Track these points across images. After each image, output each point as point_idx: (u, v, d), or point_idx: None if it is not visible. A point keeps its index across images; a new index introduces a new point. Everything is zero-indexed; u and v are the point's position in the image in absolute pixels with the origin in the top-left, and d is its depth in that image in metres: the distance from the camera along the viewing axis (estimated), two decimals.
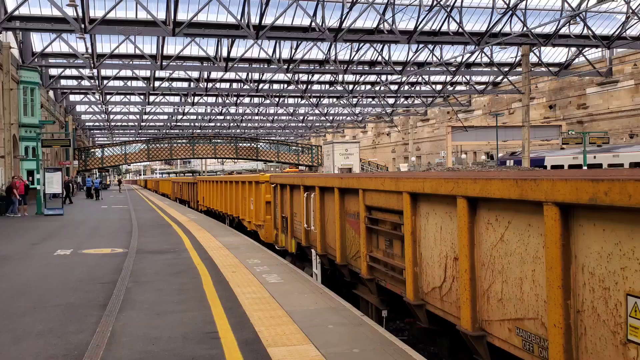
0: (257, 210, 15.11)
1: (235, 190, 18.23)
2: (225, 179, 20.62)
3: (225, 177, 21.91)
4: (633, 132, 42.93)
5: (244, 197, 16.77)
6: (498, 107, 57.49)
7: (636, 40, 38.27)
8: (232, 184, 18.87)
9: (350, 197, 8.05)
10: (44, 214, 26.25)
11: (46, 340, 6.10)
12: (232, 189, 18.92)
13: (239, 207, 17.77)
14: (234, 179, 18.83)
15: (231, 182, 19.19)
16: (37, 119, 37.40)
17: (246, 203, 16.45)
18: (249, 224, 16.19)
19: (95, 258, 12.26)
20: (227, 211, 19.85)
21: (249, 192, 16.00)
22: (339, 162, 60.15)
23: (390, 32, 35.04)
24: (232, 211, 18.97)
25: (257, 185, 14.91)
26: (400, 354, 5.42)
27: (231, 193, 19.11)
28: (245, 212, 16.72)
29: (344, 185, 8.16)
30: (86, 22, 29.16)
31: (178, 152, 74.22)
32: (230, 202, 19.22)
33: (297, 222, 11.06)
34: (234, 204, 18.57)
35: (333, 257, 8.86)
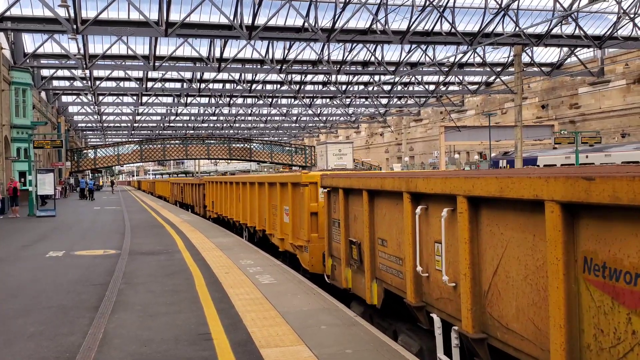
0: (295, 224, 10.97)
1: (260, 195, 13.86)
2: (245, 180, 15.96)
3: (245, 177, 16.99)
4: (625, 131, 43.14)
5: (274, 204, 12.63)
6: (491, 107, 57.65)
7: (627, 40, 38.47)
8: (255, 187, 14.37)
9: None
10: (36, 215, 26.12)
11: (38, 342, 6.06)
12: (254, 192, 14.42)
13: (264, 216, 13.63)
14: (257, 180, 14.54)
15: (253, 183, 14.71)
16: (28, 120, 37.22)
17: (277, 213, 12.29)
18: (282, 242, 11.98)
19: (87, 259, 12.21)
20: (247, 221, 15.31)
21: (282, 197, 11.87)
22: (333, 163, 60.13)
23: (383, 33, 35.08)
24: (254, 222, 14.47)
25: (296, 188, 10.89)
26: (394, 354, 5.42)
27: (253, 198, 14.64)
28: (275, 225, 12.44)
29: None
30: (78, 22, 29.05)
31: (171, 153, 74.03)
32: (252, 210, 14.83)
33: (387, 255, 6.60)
34: (256, 212, 14.22)
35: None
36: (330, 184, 8.42)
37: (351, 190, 7.63)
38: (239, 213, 16.66)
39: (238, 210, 16.76)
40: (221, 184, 19.98)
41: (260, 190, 13.93)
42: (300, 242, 10.61)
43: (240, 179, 16.94)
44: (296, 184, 10.86)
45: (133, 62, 43.22)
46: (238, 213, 16.77)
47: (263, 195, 13.54)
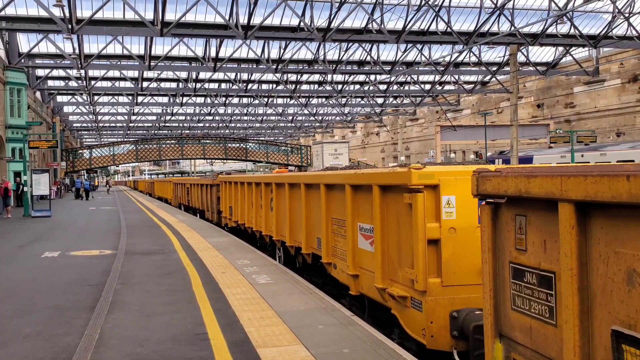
0: (389, 256, 6.81)
1: (310, 202, 9.78)
2: (283, 180, 11.52)
3: (283, 176, 12.32)
4: (620, 130, 43.26)
5: (338, 218, 8.40)
6: (486, 107, 57.71)
7: (622, 40, 38.58)
8: (301, 190, 9.97)
9: None
10: (31, 215, 26.04)
11: (34, 343, 6.05)
12: (298, 198, 10.19)
13: (316, 235, 9.53)
14: (306, 180, 9.97)
15: (296, 185, 10.50)
16: (23, 120, 37.11)
17: (345, 233, 7.99)
18: (355, 280, 7.74)
19: (83, 260, 12.18)
20: (284, 237, 11.37)
21: (357, 208, 7.71)
22: (329, 162, 60.14)
23: (378, 32, 35.10)
24: (297, 239, 10.64)
25: (394, 195, 6.64)
26: (391, 353, 5.42)
27: (295, 206, 10.59)
28: (342, 252, 8.27)
29: None
30: (73, 22, 28.97)
31: (167, 152, 73.92)
32: (293, 223, 10.84)
33: None
34: (302, 227, 9.97)
35: None
36: (515, 190, 3.68)
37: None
38: (270, 225, 12.57)
39: (269, 220, 12.66)
40: (242, 185, 15.57)
41: (310, 195, 9.69)
42: (401, 289, 6.36)
43: (274, 178, 12.61)
44: (395, 187, 6.50)
45: (128, 61, 43.12)
46: (269, 225, 12.67)
47: (316, 203, 9.28)
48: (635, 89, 42.37)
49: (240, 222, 15.87)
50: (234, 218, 16.83)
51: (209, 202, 22.65)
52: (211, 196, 21.99)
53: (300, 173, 11.98)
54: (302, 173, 11.88)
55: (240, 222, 15.86)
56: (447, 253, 5.84)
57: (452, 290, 5.83)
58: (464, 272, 5.79)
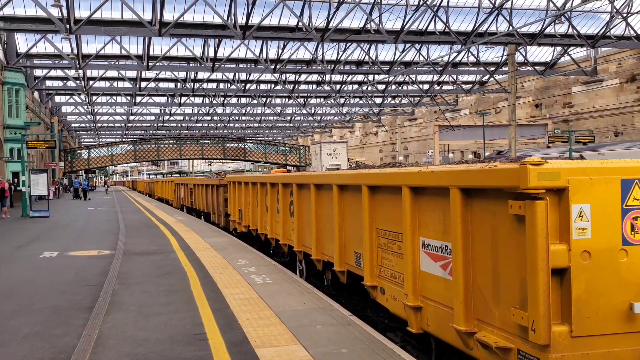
0: (484, 287, 4.85)
1: (349, 209, 7.80)
2: (308, 180, 9.42)
3: (308, 175, 10.02)
4: (618, 130, 43.32)
5: (386, 230, 6.66)
6: (485, 106, 57.76)
7: (620, 40, 38.63)
8: (332, 194, 8.08)
9: None
10: (30, 216, 26.02)
11: (32, 343, 6.04)
12: (334, 204, 8.04)
13: (352, 248, 7.70)
14: (346, 180, 7.91)
15: (324, 187, 8.70)
16: (22, 120, 37.09)
17: (400, 249, 6.24)
18: (416, 314, 5.85)
19: (82, 260, 12.18)
20: (309, 249, 9.41)
21: (424, 218, 5.80)
22: (327, 162, 60.16)
23: (377, 32, 35.12)
24: (325, 252, 8.78)
25: (492, 203, 4.71)
26: (389, 353, 5.43)
27: (330, 213, 8.29)
28: (391, 273, 6.53)
29: None
30: (71, 22, 28.96)
31: (165, 153, 73.90)
32: (320, 231, 8.96)
33: None
34: (335, 237, 8.07)
35: None
36: None
37: None
38: (289, 232, 10.73)
39: (288, 227, 10.80)
40: (254, 185, 13.59)
41: (344, 199, 7.80)
42: (501, 336, 4.62)
43: (294, 178, 10.37)
44: (490, 191, 4.71)
45: (127, 62, 43.12)
46: (288, 232, 10.81)
47: (354, 209, 7.45)
48: (634, 88, 42.42)
49: (252, 228, 13.98)
50: (244, 222, 14.93)
51: (215, 204, 20.61)
52: (217, 198, 19.96)
53: (331, 172, 8.99)
54: (334, 172, 8.84)
55: (252, 227, 13.97)
56: (579, 288, 4.16)
57: (586, 343, 4.18)
58: (602, 316, 4.20)
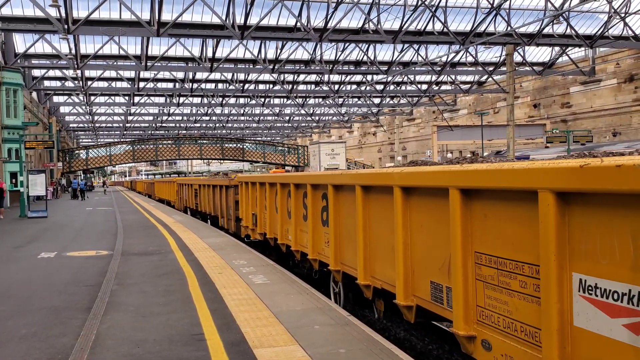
0: None
1: (436, 224, 5.32)
2: (351, 181, 7.37)
3: (348, 175, 7.56)
4: (616, 130, 43.35)
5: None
6: (483, 107, 57.80)
7: (618, 40, 38.68)
8: (404, 199, 5.87)
9: None
10: (28, 216, 25.99)
11: (30, 344, 6.03)
12: (396, 215, 5.91)
13: (450, 279, 5.08)
14: (428, 181, 5.41)
15: (409, 191, 5.85)
16: (20, 120, 37.05)
17: (550, 292, 3.81)
18: None
19: (79, 260, 12.16)
20: (359, 272, 7.06)
21: (581, 249, 3.64)
22: (326, 162, 60.16)
23: (375, 32, 35.12)
24: (386, 278, 6.49)
25: None
26: (387, 353, 5.42)
27: (388, 226, 6.25)
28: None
29: None
30: (69, 22, 28.93)
31: (163, 153, 73.88)
32: (380, 253, 6.67)
33: None
34: (397, 262, 5.95)
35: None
36: None
37: None
38: (319, 246, 8.83)
39: (319, 239, 8.84)
40: (273, 187, 11.62)
41: (415, 208, 5.76)
42: None
43: (330, 178, 8.08)
44: None
45: (125, 62, 43.10)
46: (318, 245, 8.86)
47: (432, 222, 5.42)
48: (632, 88, 42.47)
49: (270, 236, 12.10)
50: (259, 229, 13.10)
51: (224, 207, 18.66)
52: (227, 200, 18.10)
53: (392, 170, 6.28)
54: (396, 170, 6.10)
55: (270, 235, 12.10)
56: None
57: None
58: None
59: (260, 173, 58.10)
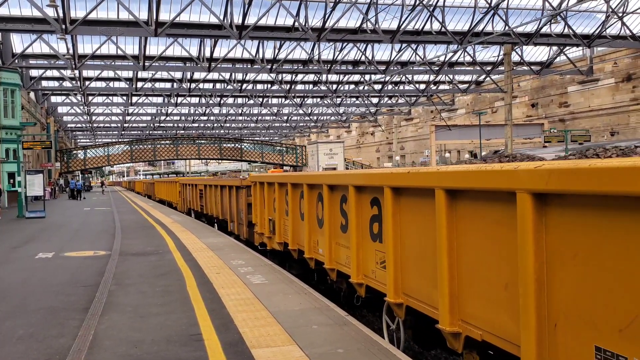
0: None
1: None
2: (429, 183, 5.25)
3: (427, 172, 5.46)
4: (614, 129, 43.40)
5: None
6: (481, 106, 57.84)
7: (616, 39, 38.73)
8: (545, 214, 3.80)
9: None
10: (25, 216, 25.95)
11: (27, 345, 6.01)
12: (526, 236, 3.86)
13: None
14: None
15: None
16: (17, 120, 36.98)
17: None
18: None
19: (77, 261, 12.14)
20: (443, 316, 4.96)
21: None
22: (324, 162, 60.18)
23: (373, 32, 35.13)
24: (495, 328, 4.40)
25: None
26: (385, 353, 5.42)
27: (509, 250, 4.16)
28: None
29: None
30: (67, 22, 28.90)
31: (162, 153, 73.83)
32: (485, 287, 4.53)
33: None
34: (527, 307, 3.86)
35: None
36: None
37: None
38: (368, 266, 6.88)
39: (366, 257, 6.94)
40: (297, 188, 9.80)
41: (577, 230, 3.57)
42: None
43: (388, 179, 6.15)
44: None
45: (123, 62, 43.07)
46: (366, 265, 6.95)
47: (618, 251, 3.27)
48: (629, 88, 42.52)
49: (293, 247, 10.12)
50: (278, 238, 11.22)
51: (235, 211, 16.57)
52: (237, 202, 16.11)
53: (506, 165, 4.37)
54: (527, 164, 4.13)
55: (293, 246, 10.12)
56: None
57: None
58: None
59: (258, 173, 58.06)
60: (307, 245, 9.19)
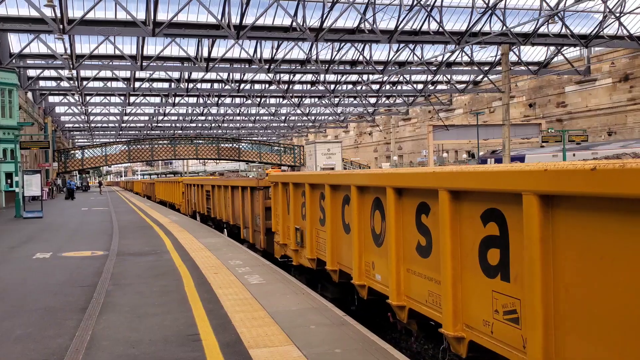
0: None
1: None
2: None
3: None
4: (611, 129, 43.47)
5: None
6: (479, 106, 57.89)
7: (613, 39, 38.78)
8: None
9: None
10: (23, 216, 25.91)
11: (24, 345, 6.01)
12: None
13: None
14: None
15: None
16: (15, 120, 36.91)
17: None
18: None
19: (75, 261, 12.13)
20: None
21: None
22: (322, 162, 60.19)
23: (371, 32, 35.14)
24: None
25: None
26: (382, 353, 5.42)
27: None
28: None
29: None
30: (65, 22, 28.85)
31: (159, 153, 73.78)
32: None
33: None
34: None
35: None
36: None
37: None
38: (473, 310, 4.49)
39: (469, 295, 4.54)
40: (336, 191, 7.81)
41: None
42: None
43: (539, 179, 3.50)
44: None
45: (120, 62, 43.00)
46: (470, 309, 4.52)
47: None
48: (626, 88, 42.59)
49: (332, 267, 7.86)
50: (309, 252, 8.90)
51: (249, 216, 14.33)
52: (253, 206, 13.95)
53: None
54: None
55: (332, 265, 7.87)
56: None
57: None
58: None
59: (257, 173, 57.96)
60: (357, 267, 6.86)
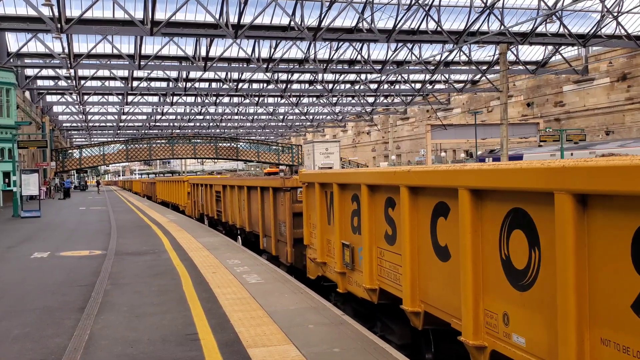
0: None
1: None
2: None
3: None
4: (609, 129, 43.52)
5: None
6: (477, 106, 57.90)
7: (611, 39, 38.81)
8: None
9: None
10: (21, 216, 25.88)
11: (22, 344, 6.00)
12: None
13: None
14: None
15: None
16: (12, 120, 36.84)
17: None
18: None
19: (73, 260, 12.11)
20: None
21: None
22: (320, 162, 60.14)
23: (369, 31, 35.14)
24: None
25: None
26: (381, 352, 5.42)
27: None
28: None
29: None
30: (62, 21, 28.81)
31: (157, 152, 73.69)
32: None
33: None
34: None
35: None
36: None
37: None
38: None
39: None
40: (416, 194, 5.22)
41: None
42: None
43: None
44: None
45: (118, 61, 42.95)
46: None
47: None
48: (624, 87, 42.64)
49: (414, 308, 5.34)
50: (367, 281, 6.42)
51: (270, 222, 11.80)
52: (276, 211, 11.54)
53: None
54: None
55: (414, 306, 5.35)
56: None
57: None
58: None
59: (255, 173, 57.91)
60: (472, 317, 4.27)
